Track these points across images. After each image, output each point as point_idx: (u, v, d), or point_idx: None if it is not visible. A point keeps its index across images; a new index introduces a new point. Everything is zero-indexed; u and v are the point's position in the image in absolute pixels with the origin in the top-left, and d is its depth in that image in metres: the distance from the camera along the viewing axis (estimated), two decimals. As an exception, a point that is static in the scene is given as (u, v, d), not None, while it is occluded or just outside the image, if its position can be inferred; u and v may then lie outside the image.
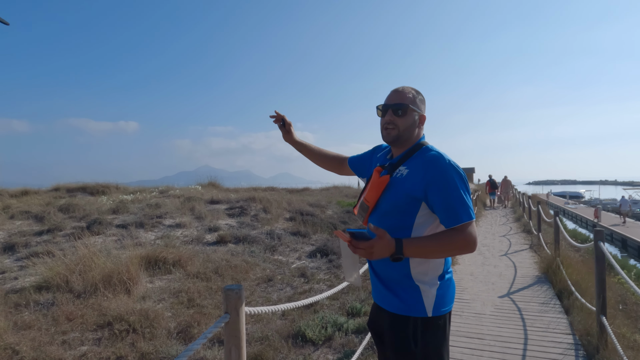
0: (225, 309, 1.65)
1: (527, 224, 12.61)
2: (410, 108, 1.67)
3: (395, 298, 1.66)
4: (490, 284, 6.09)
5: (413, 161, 1.66)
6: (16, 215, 10.14)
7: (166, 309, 4.96)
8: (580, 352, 3.65)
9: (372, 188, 1.69)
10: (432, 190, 1.54)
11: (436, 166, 1.57)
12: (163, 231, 9.19)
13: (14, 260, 7.25)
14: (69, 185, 14.96)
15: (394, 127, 1.67)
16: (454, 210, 1.52)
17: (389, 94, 1.73)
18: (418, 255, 1.54)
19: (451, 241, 1.52)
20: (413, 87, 1.73)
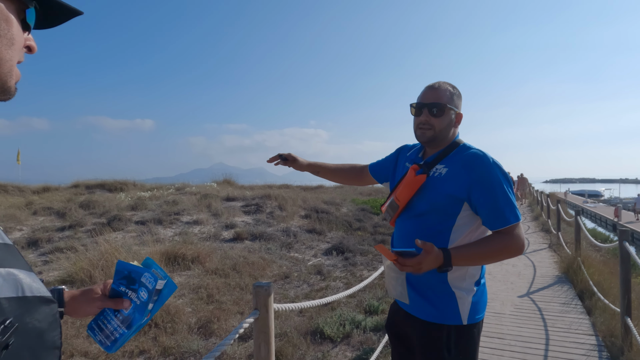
0: (255, 305, 1.68)
1: (545, 222, 12.42)
2: (447, 107, 1.58)
3: (428, 305, 1.57)
4: (509, 283, 6.03)
5: (452, 159, 1.58)
6: (39, 211, 10.39)
7: (186, 305, 5.04)
8: (604, 354, 3.60)
9: (405, 187, 1.60)
10: (477, 190, 1.48)
11: (480, 165, 1.51)
12: (181, 228, 9.31)
13: (38, 255, 7.43)
14: (87, 182, 15.26)
15: (430, 128, 1.58)
16: (501, 212, 1.47)
17: (424, 90, 1.63)
18: (465, 263, 1.48)
19: (500, 246, 1.46)
20: (449, 83, 1.63)
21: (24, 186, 14.40)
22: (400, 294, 1.60)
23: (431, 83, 1.64)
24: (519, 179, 24.58)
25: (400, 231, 1.66)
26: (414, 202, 1.60)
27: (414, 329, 1.62)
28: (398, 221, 1.69)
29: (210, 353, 1.45)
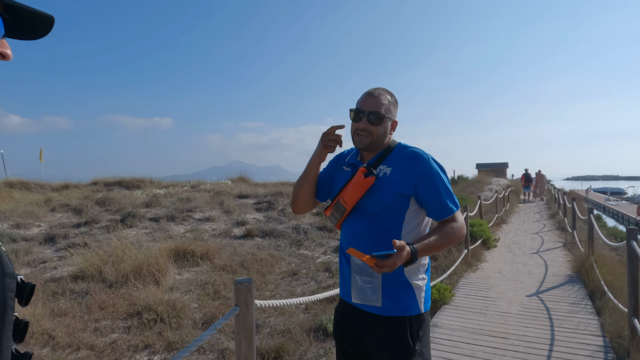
0: (235, 301, 1.70)
1: (561, 221, 12.17)
2: (385, 117, 1.65)
3: (389, 300, 1.60)
4: (519, 282, 5.93)
5: (393, 159, 1.66)
6: (57, 208, 10.67)
7: (193, 300, 5.11)
8: (610, 355, 3.51)
9: (354, 189, 1.64)
10: (422, 185, 1.59)
11: (421, 162, 1.61)
12: (193, 225, 9.44)
13: (54, 250, 7.65)
14: (106, 180, 15.57)
15: (368, 135, 1.64)
16: (445, 203, 1.59)
17: (364, 97, 1.68)
18: (426, 254, 1.54)
19: (451, 232, 1.57)
20: (388, 91, 1.70)
21: (45, 183, 14.79)
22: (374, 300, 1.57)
23: (371, 89, 1.68)
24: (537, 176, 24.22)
25: (351, 233, 1.67)
26: (363, 203, 1.64)
27: (374, 327, 1.62)
28: (346, 224, 1.71)
29: (187, 347, 1.47)
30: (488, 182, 22.78)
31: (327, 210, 1.78)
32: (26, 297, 0.73)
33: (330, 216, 1.75)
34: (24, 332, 0.73)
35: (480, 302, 5.01)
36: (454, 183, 23.40)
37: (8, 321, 0.65)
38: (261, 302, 1.85)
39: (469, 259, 7.08)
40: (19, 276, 0.71)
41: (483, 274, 6.44)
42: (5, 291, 0.65)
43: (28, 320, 0.74)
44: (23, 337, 0.73)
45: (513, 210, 16.85)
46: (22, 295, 0.72)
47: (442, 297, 4.88)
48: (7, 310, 0.65)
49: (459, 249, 7.27)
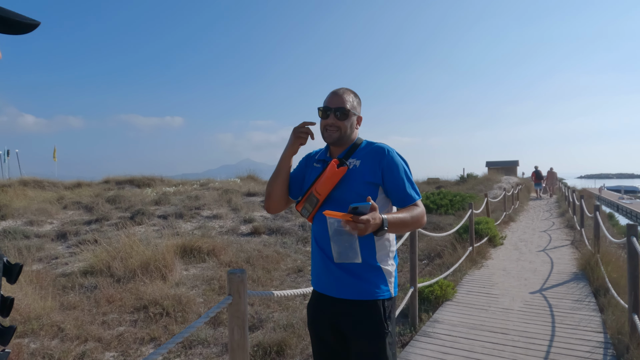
0: (228, 291, 1.77)
1: (571, 219, 12.06)
2: (350, 112, 1.78)
3: (364, 284, 1.70)
4: (523, 279, 5.92)
5: (361, 153, 1.79)
6: (69, 206, 10.89)
7: (198, 295, 5.21)
8: (609, 351, 3.52)
9: (327, 180, 1.73)
10: (388, 175, 1.72)
11: (387, 154, 1.75)
12: (201, 222, 9.57)
13: (65, 247, 7.83)
14: (118, 178, 15.82)
15: (337, 130, 1.78)
16: (408, 191, 1.73)
17: (329, 96, 1.81)
18: (395, 229, 1.62)
19: (416, 214, 1.69)
20: (351, 90, 1.84)
21: (58, 182, 15.08)
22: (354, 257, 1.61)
23: (335, 89, 1.83)
24: (548, 174, 24.27)
25: (324, 221, 1.69)
26: (336, 194, 1.74)
27: (349, 312, 1.71)
28: (318, 215, 1.78)
29: (179, 334, 1.54)
30: (498, 180, 22.61)
31: (298, 204, 1.86)
32: (15, 276, 0.79)
33: (302, 209, 1.83)
34: (10, 308, 0.80)
35: (482, 299, 5.02)
36: (464, 181, 23.27)
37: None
38: (253, 292, 1.92)
39: (474, 256, 7.08)
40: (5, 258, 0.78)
41: (487, 271, 6.44)
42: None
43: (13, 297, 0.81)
44: (8, 313, 0.80)
45: (522, 208, 16.72)
46: (10, 275, 0.79)
47: (444, 294, 4.90)
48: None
49: (464, 246, 7.28)
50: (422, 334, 3.96)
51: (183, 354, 3.81)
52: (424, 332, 4.00)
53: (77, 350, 3.76)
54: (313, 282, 1.87)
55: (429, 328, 4.11)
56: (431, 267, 6.71)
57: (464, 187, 20.17)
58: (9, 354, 0.83)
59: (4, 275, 0.77)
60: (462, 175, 25.03)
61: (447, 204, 12.52)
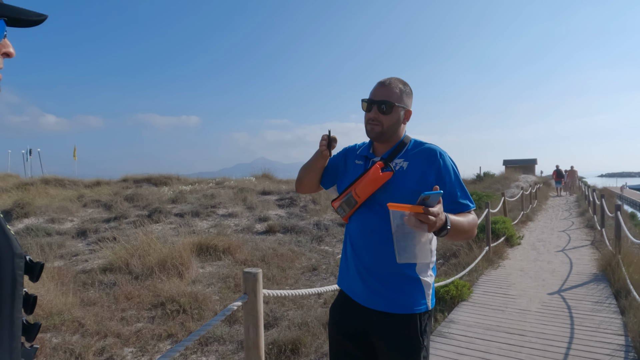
0: (244, 290, 1.79)
1: (591, 218, 11.80)
2: (395, 106, 1.62)
3: (400, 296, 1.58)
4: (541, 280, 5.83)
5: (409, 154, 1.65)
6: (88, 204, 11.12)
7: (214, 293, 5.28)
8: (631, 354, 3.44)
9: (369, 183, 1.60)
10: (442, 180, 1.57)
11: (440, 158, 1.60)
12: (216, 220, 9.67)
13: (85, 244, 8.01)
14: (135, 177, 16.07)
15: (378, 124, 1.63)
16: (462, 200, 1.59)
17: (375, 87, 1.66)
18: (454, 232, 1.46)
19: (473, 221, 1.57)
20: (401, 80, 1.67)
21: (78, 180, 15.40)
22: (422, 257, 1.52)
23: (383, 79, 1.67)
24: (568, 172, 24.40)
25: (363, 226, 1.65)
26: (377, 197, 1.61)
27: (383, 324, 1.60)
28: (357, 217, 1.68)
29: (196, 332, 1.57)
30: (515, 178, 22.26)
31: (335, 201, 1.74)
32: (37, 274, 0.82)
33: (338, 208, 1.71)
34: (34, 305, 0.83)
35: (499, 299, 4.96)
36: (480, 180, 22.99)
37: (18, 295, 0.75)
38: (268, 291, 1.93)
39: (490, 256, 6.99)
40: (28, 256, 0.81)
41: (504, 272, 6.36)
42: (15, 269, 0.74)
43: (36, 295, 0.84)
44: (32, 310, 0.83)
45: (541, 207, 16.44)
46: (32, 273, 0.82)
47: (460, 294, 4.86)
48: (17, 286, 0.75)
49: (480, 245, 7.20)
50: (437, 334, 3.93)
51: (199, 351, 3.87)
52: (439, 333, 3.97)
53: (97, 346, 3.86)
54: (342, 284, 1.75)
55: (444, 328, 4.08)
56: (447, 266, 6.65)
57: (481, 185, 19.92)
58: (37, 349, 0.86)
59: (27, 273, 0.80)
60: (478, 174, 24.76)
61: (463, 203, 12.36)
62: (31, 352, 0.83)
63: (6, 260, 0.73)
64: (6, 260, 0.73)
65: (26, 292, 0.81)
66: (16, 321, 0.75)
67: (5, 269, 0.73)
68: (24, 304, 0.79)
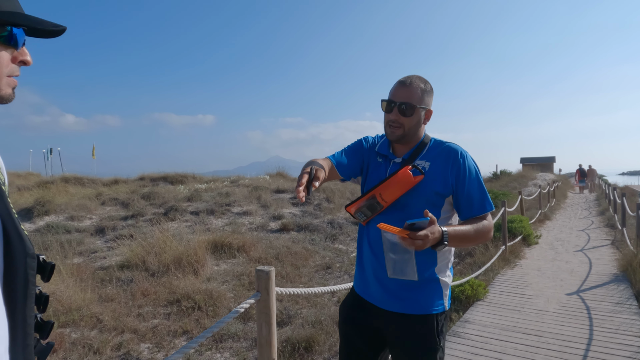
0: (257, 287, 1.80)
1: (611, 217, 11.54)
2: (417, 107, 1.56)
3: (419, 297, 1.57)
4: (559, 280, 5.72)
5: (430, 154, 1.61)
6: (106, 202, 11.32)
7: (229, 290, 5.32)
8: (652, 357, 3.36)
9: (399, 187, 1.54)
10: (460, 183, 1.55)
11: (460, 158, 1.57)
12: (231, 218, 9.75)
13: (103, 241, 8.16)
14: (152, 175, 16.30)
15: (400, 126, 1.58)
16: (481, 201, 1.56)
17: (396, 86, 1.59)
18: (456, 243, 1.47)
19: (482, 227, 1.52)
20: (421, 78, 1.61)
21: (96, 179, 15.69)
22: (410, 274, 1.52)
23: (403, 78, 1.60)
24: (588, 171, 24.54)
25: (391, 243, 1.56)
26: (402, 200, 1.56)
27: (399, 325, 1.59)
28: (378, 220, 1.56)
29: (210, 328, 1.58)
30: (533, 177, 21.92)
31: (351, 206, 1.61)
32: (48, 274, 0.84)
33: (357, 212, 1.61)
34: (46, 304, 0.85)
35: (515, 299, 4.89)
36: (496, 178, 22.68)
37: (30, 294, 0.77)
38: (281, 289, 1.94)
39: (507, 256, 6.90)
40: (41, 256, 0.83)
41: (521, 271, 6.26)
42: (27, 269, 0.76)
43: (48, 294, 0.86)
44: (45, 308, 0.85)
45: (559, 206, 16.13)
46: (44, 272, 0.84)
47: (475, 293, 4.80)
48: (29, 285, 0.77)
49: (496, 245, 7.10)
50: (452, 334, 3.90)
51: (214, 347, 3.90)
52: (454, 332, 3.94)
53: (115, 341, 3.93)
54: (358, 287, 1.72)
55: (459, 328, 4.04)
56: (462, 266, 6.58)
57: (497, 184, 19.65)
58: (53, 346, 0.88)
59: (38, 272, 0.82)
60: (494, 172, 24.45)
61: (479, 202, 12.22)
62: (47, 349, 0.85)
63: (19, 260, 0.75)
64: (19, 260, 0.75)
65: (40, 290, 0.83)
66: (28, 319, 0.77)
67: (18, 269, 0.75)
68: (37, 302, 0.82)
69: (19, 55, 0.85)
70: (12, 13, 0.80)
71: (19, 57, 0.85)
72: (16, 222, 0.76)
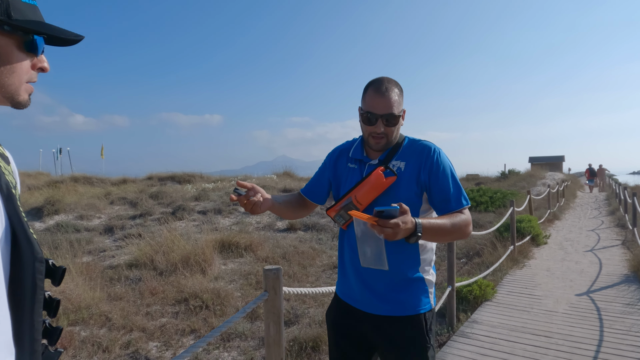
0: (264, 287, 1.80)
1: (622, 217, 11.40)
2: (399, 116, 1.56)
3: (406, 298, 1.57)
4: (569, 280, 5.66)
5: (405, 153, 1.61)
6: (115, 201, 11.42)
7: (236, 289, 5.34)
8: (664, 359, 3.31)
9: (371, 189, 1.55)
10: (435, 178, 1.55)
11: (433, 155, 1.58)
12: (238, 218, 9.78)
13: (112, 240, 8.22)
14: (160, 175, 16.42)
15: (384, 137, 1.57)
16: (456, 195, 1.56)
17: (372, 97, 1.54)
18: (431, 236, 1.45)
19: (458, 221, 1.50)
20: (391, 80, 1.58)
21: (105, 178, 15.84)
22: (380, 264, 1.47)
23: (376, 85, 1.55)
24: (597, 171, 24.53)
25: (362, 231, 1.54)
26: (379, 202, 1.55)
27: (387, 327, 1.59)
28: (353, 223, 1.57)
29: (218, 328, 1.59)
30: (541, 176, 21.71)
31: (330, 210, 1.65)
32: (59, 278, 0.84)
33: (336, 216, 1.63)
34: (57, 309, 0.85)
35: (524, 300, 4.85)
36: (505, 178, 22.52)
37: (38, 299, 0.77)
38: (288, 288, 1.94)
39: (515, 256, 6.84)
40: (50, 260, 0.83)
41: (530, 272, 6.21)
42: (35, 274, 0.76)
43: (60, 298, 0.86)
44: (55, 313, 0.85)
45: (568, 206, 15.98)
46: (54, 277, 0.84)
47: (484, 294, 4.77)
48: (37, 290, 0.77)
49: (505, 245, 7.05)
50: (460, 335, 3.87)
51: (222, 346, 3.92)
52: (462, 333, 3.92)
53: (123, 340, 3.96)
54: (342, 293, 1.72)
55: (467, 328, 4.01)
56: (470, 266, 6.55)
57: (505, 183, 19.50)
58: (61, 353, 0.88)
59: (48, 277, 0.82)
60: (503, 172, 24.27)
61: (487, 201, 12.17)
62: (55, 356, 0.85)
63: (27, 265, 0.75)
64: (27, 265, 0.75)
65: (50, 295, 0.83)
66: (36, 325, 0.77)
67: (26, 274, 0.75)
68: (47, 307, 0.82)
69: (38, 62, 0.86)
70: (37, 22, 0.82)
71: (37, 64, 0.86)
72: (25, 225, 0.76)
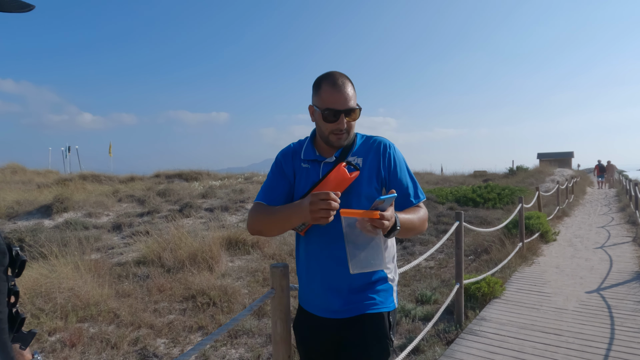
0: (271, 284, 1.79)
1: (632, 214, 11.25)
2: (359, 109, 1.54)
3: (373, 296, 1.54)
4: (578, 278, 5.60)
5: (361, 150, 1.58)
6: (123, 199, 11.49)
7: (243, 286, 5.35)
8: (677, 357, 3.26)
9: (336, 186, 1.45)
10: (394, 173, 1.57)
11: (390, 150, 1.59)
12: (245, 215, 9.80)
13: (120, 238, 8.28)
14: (167, 172, 16.51)
15: (345, 132, 1.52)
16: (414, 189, 1.60)
17: (330, 92, 1.48)
18: (404, 230, 1.42)
19: (424, 215, 1.56)
20: (342, 74, 1.53)
21: (113, 176, 15.96)
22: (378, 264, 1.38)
23: (332, 80, 1.50)
24: (607, 166, 24.36)
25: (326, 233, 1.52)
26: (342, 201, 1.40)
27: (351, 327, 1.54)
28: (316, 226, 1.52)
29: (225, 325, 1.58)
30: (550, 172, 21.53)
31: None
32: (19, 269, 0.82)
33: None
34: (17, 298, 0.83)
35: (533, 297, 4.80)
36: (513, 174, 22.34)
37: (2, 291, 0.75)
38: (295, 285, 1.93)
39: (524, 253, 6.78)
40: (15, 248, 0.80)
41: (539, 269, 6.15)
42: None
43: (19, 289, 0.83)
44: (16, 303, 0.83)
45: (578, 202, 15.81)
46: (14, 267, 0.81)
47: (492, 291, 4.73)
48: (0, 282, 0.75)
49: (513, 242, 6.99)
50: (468, 332, 3.84)
51: (229, 343, 3.92)
52: (470, 330, 3.88)
53: (132, 336, 3.98)
54: (306, 304, 1.65)
55: (476, 326, 3.98)
56: (478, 263, 6.49)
57: (513, 180, 19.35)
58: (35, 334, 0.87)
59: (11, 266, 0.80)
60: (511, 168, 24.08)
61: (494, 198, 12.08)
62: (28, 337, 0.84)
63: None
64: None
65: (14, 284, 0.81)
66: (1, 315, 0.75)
67: None
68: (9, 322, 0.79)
69: None
70: None
71: None
72: None
